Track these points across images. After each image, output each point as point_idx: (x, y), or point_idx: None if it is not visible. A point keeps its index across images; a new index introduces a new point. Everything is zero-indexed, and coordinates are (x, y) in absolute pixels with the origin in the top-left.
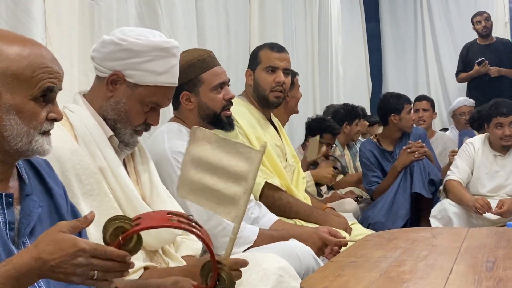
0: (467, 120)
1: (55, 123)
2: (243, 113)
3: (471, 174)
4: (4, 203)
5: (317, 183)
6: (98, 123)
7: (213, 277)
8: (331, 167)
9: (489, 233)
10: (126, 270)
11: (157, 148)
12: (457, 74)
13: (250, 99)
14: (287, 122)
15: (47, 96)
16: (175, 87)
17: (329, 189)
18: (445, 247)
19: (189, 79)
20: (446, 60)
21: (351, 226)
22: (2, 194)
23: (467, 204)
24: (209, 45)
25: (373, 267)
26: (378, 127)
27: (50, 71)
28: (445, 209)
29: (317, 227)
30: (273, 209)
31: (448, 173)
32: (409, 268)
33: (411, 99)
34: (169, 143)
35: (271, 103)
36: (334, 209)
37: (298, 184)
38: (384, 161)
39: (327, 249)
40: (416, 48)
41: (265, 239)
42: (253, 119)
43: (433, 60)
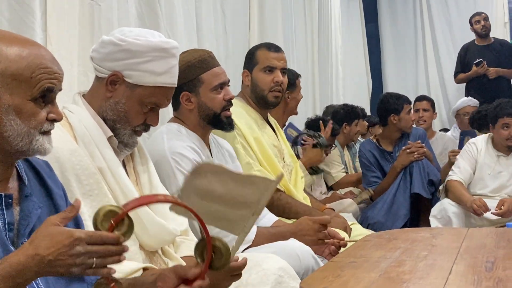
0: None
1: (55, 123)
2: (240, 114)
3: (473, 174)
4: (3, 204)
5: (311, 167)
6: (97, 123)
7: (209, 250)
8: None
9: (489, 233)
10: (121, 253)
11: (156, 148)
12: (456, 75)
13: (247, 100)
14: (286, 122)
15: (46, 96)
16: (174, 88)
17: (329, 189)
18: (445, 247)
19: (189, 80)
20: (445, 60)
21: (351, 226)
22: (1, 195)
23: (465, 204)
24: (208, 46)
25: (372, 267)
26: (378, 128)
27: (49, 72)
28: (444, 209)
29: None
30: (272, 210)
31: (449, 173)
32: (408, 268)
33: (410, 99)
34: (169, 143)
35: (270, 103)
36: (333, 210)
37: (296, 184)
38: (383, 161)
39: (326, 249)
40: (415, 48)
41: (263, 237)
42: (250, 120)
43: (433, 60)
